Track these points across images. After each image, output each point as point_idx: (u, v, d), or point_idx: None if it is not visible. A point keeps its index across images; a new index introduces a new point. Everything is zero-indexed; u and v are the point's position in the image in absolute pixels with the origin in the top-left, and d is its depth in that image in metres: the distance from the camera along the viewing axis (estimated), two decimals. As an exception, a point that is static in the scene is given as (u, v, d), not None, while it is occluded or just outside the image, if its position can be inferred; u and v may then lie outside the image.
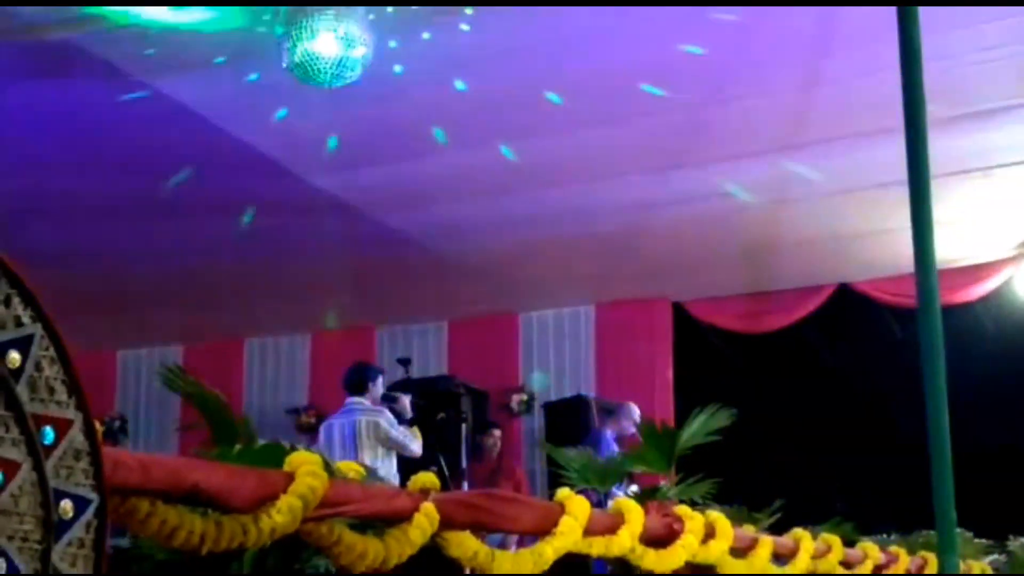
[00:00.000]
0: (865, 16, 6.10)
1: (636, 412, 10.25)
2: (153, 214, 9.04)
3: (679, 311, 11.96)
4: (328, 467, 2.55)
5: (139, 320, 12.04)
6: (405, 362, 10.92)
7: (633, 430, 10.20)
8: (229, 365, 12.79)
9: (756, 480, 8.76)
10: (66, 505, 1.75)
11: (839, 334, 12.06)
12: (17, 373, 1.71)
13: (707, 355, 12.18)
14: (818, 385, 12.21)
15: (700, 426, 4.51)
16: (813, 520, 6.06)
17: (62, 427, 1.77)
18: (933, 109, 3.50)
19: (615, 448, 9.49)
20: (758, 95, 7.36)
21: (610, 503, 4.15)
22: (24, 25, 6.26)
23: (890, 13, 3.82)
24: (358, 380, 8.53)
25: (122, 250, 9.79)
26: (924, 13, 3.75)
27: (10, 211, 8.19)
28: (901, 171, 3.51)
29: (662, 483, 4.64)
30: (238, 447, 2.61)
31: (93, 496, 1.80)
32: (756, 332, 11.71)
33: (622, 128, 7.80)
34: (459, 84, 7.18)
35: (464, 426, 9.19)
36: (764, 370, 12.20)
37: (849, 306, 11.35)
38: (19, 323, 1.72)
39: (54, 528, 1.73)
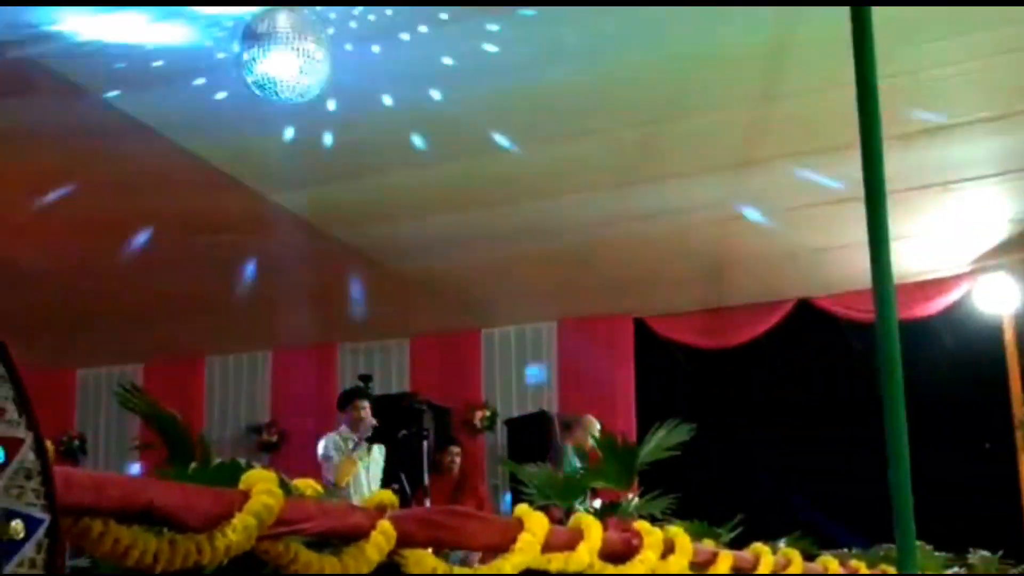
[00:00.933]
0: (821, 31, 6.14)
1: (595, 424, 10.25)
2: (112, 231, 8.99)
3: (641, 327, 12.00)
4: (284, 485, 2.53)
5: (99, 339, 11.96)
6: (366, 379, 10.87)
7: (591, 443, 10.20)
8: (190, 383, 12.74)
9: (717, 495, 8.77)
10: (16, 525, 1.73)
11: (799, 349, 12.11)
12: (-34, 393, 1.69)
13: (669, 370, 12.21)
14: (778, 399, 12.25)
15: (659, 441, 4.52)
16: (773, 535, 6.08)
17: (12, 446, 1.75)
18: (890, 124, 3.51)
19: (577, 462, 9.47)
20: (715, 110, 7.40)
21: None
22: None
23: (846, 26, 3.84)
24: (339, 402, 9.24)
25: (82, 268, 9.73)
26: (880, 28, 3.77)
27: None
28: (859, 186, 3.53)
29: (622, 499, 4.65)
30: (194, 465, 2.59)
31: (44, 516, 1.78)
32: (717, 347, 11.76)
33: (582, 145, 7.83)
34: (420, 101, 7.18)
35: (426, 443, 9.15)
36: (725, 385, 12.23)
37: (809, 321, 11.41)
38: (-33, 342, 1.70)
39: (3, 548, 1.71)
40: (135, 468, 9.84)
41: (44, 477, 1.80)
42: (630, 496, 4.97)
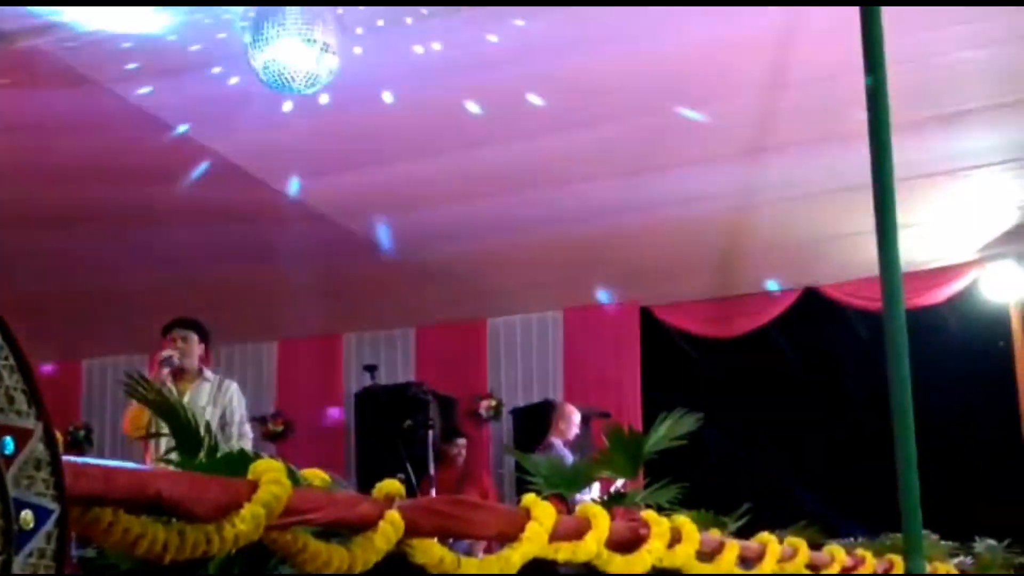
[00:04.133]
0: (829, 18, 6.13)
1: (575, 413, 10.26)
2: (119, 223, 8.99)
3: (647, 316, 11.99)
4: (293, 475, 2.53)
5: (105, 329, 11.96)
6: (372, 369, 10.89)
7: (576, 431, 10.21)
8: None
9: (723, 484, 8.78)
10: (27, 515, 1.73)
11: (806, 337, 12.12)
12: (-26, 382, 1.69)
13: (675, 359, 12.21)
14: (785, 388, 12.26)
15: (666, 431, 4.51)
16: (780, 524, 6.07)
17: (22, 437, 1.75)
18: (898, 112, 3.50)
19: (568, 454, 9.49)
20: (723, 99, 7.39)
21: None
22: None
23: (854, 14, 3.84)
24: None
25: (88, 259, 9.74)
26: (889, 15, 3.76)
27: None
28: (866, 174, 3.52)
29: (615, 486, 4.64)
30: (201, 456, 2.59)
31: (54, 506, 1.78)
32: (724, 336, 11.76)
33: (588, 133, 7.82)
34: (426, 90, 7.18)
35: (431, 433, 9.15)
36: (732, 374, 12.24)
37: (816, 309, 11.41)
38: (-25, 332, 1.70)
39: (14, 539, 1.71)
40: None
41: (54, 467, 1.80)
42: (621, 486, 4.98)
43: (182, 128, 7.50)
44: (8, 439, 1.74)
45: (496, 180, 8.55)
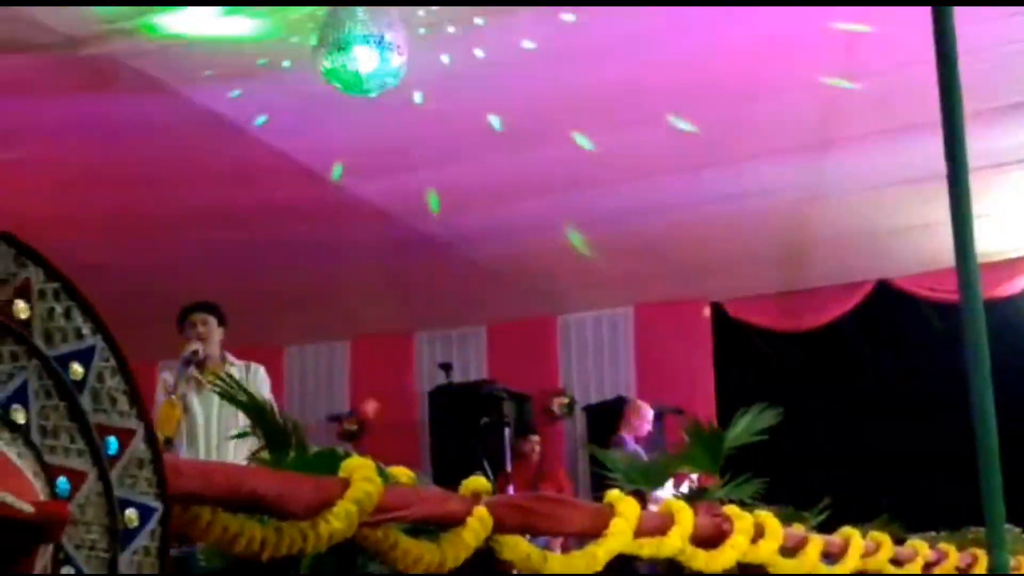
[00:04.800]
0: (899, 9, 6.08)
1: (646, 409, 10.23)
2: (192, 226, 9.09)
3: (718, 311, 11.94)
4: (382, 472, 2.56)
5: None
6: (446, 367, 10.95)
7: (648, 428, 10.19)
8: (270, 373, 12.82)
9: (801, 479, 8.71)
10: (131, 514, 1.77)
11: (879, 330, 11.98)
12: (80, 384, 1.73)
13: (747, 354, 12.13)
14: (859, 382, 12.12)
15: (746, 426, 4.50)
16: (860, 519, 6.03)
17: (125, 437, 1.79)
18: (970, 102, 3.47)
19: (639, 450, 9.48)
20: (792, 90, 7.34)
21: (651, 505, 4.15)
22: (64, 39, 6.32)
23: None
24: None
25: (162, 262, 9.85)
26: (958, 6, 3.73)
27: (61, 225, 8.25)
28: (938, 165, 3.50)
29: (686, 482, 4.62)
30: (292, 454, 2.63)
31: (157, 504, 1.82)
32: (795, 330, 11.67)
33: (655, 128, 7.80)
34: (495, 89, 7.20)
35: (507, 430, 9.18)
36: (804, 368, 12.13)
37: (889, 302, 11.29)
38: (80, 335, 1.74)
39: (120, 536, 1.75)
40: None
41: (155, 466, 1.84)
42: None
43: (253, 129, 7.57)
44: (112, 439, 1.78)
45: (565, 177, 8.55)
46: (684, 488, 5.06)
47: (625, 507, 3.32)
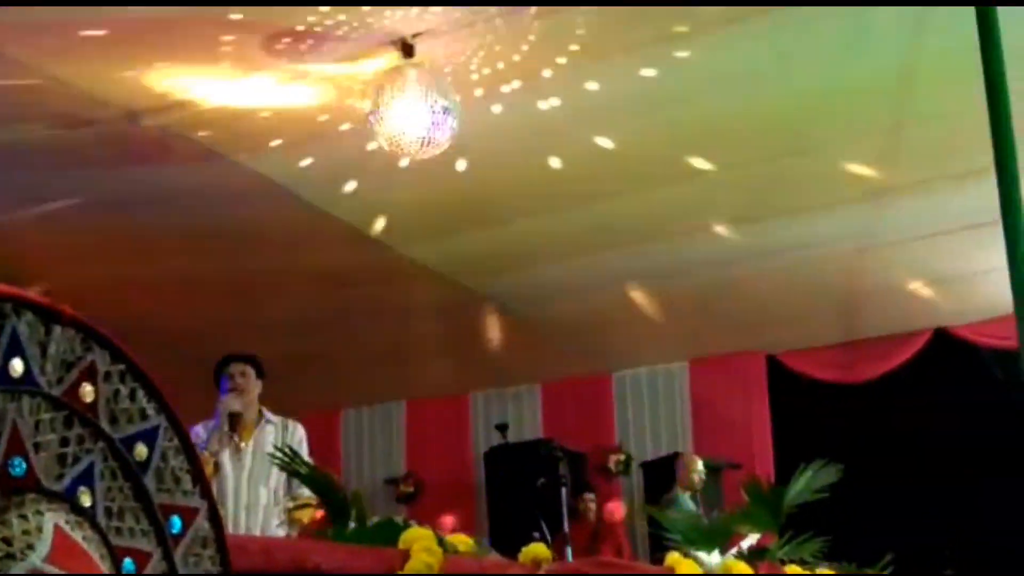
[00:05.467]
0: (950, 56, 6.07)
1: (697, 462, 10.17)
2: (246, 290, 9.18)
3: (774, 364, 11.86)
4: (442, 542, 2.56)
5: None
6: (503, 428, 10.92)
7: (701, 479, 10.12)
8: (326, 436, 12.87)
9: (862, 535, 8.60)
10: (196, 593, 1.78)
11: (938, 380, 11.85)
12: (144, 465, 1.74)
13: (804, 406, 12.03)
14: (919, 432, 11.98)
15: (807, 483, 4.46)
16: (924, 573, 5.94)
17: (189, 516, 1.80)
18: (1024, 147, 3.46)
19: (691, 506, 9.42)
20: (844, 140, 7.32)
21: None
22: (121, 113, 6.44)
23: (973, 51, 3.78)
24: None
25: (219, 327, 9.93)
26: (1011, 47, 3.70)
27: (118, 291, 8.37)
28: (993, 211, 3.48)
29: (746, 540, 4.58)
30: (352, 525, 2.63)
31: (220, 583, 1.83)
32: (853, 382, 11.57)
33: (709, 182, 7.80)
34: (543, 147, 7.24)
35: (564, 490, 9.12)
36: (862, 420, 12.01)
37: (948, 351, 11.18)
38: (144, 416, 1.75)
39: (185, 616, 1.75)
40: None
41: (219, 544, 1.84)
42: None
43: (306, 193, 7.65)
44: (175, 518, 1.79)
45: (616, 233, 8.56)
46: (735, 548, 5.01)
47: (686, 570, 3.30)
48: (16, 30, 5.64)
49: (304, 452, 6.08)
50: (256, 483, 6.18)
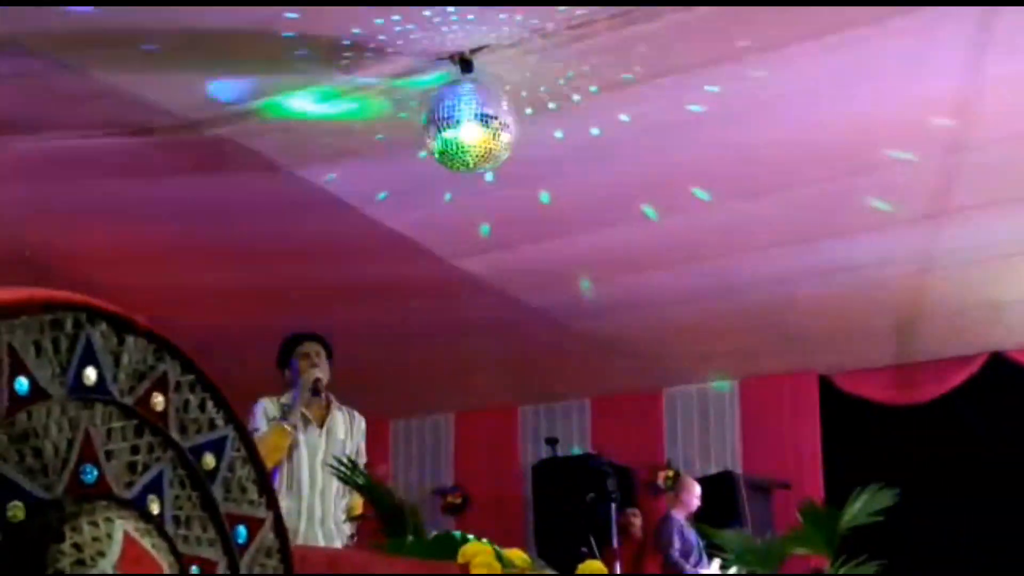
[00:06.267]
0: (1014, 75, 6.03)
1: (696, 486, 10.16)
2: (298, 300, 9.22)
3: (826, 384, 11.78)
4: (499, 556, 2.56)
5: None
6: (553, 442, 10.92)
7: (697, 503, 10.10)
8: (376, 447, 12.89)
9: (916, 558, 8.53)
10: (261, 603, 1.79)
11: (993, 403, 11.72)
12: (212, 474, 1.76)
13: (856, 428, 11.93)
14: (972, 456, 11.85)
15: (863, 506, 4.43)
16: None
17: (254, 526, 1.81)
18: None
19: (685, 527, 9.40)
20: (902, 162, 7.27)
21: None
22: (181, 122, 6.50)
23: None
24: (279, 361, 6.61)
25: (270, 337, 9.98)
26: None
27: (175, 299, 8.44)
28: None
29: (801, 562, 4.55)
30: (410, 538, 2.64)
31: (285, 593, 1.84)
32: (906, 404, 11.46)
33: (763, 201, 7.77)
34: (599, 163, 7.23)
35: (612, 506, 9.11)
36: (915, 442, 11.89)
37: (1003, 374, 11.07)
38: (213, 426, 1.77)
39: (251, 625, 1.77)
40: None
41: (283, 555, 1.86)
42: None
43: (360, 206, 7.69)
44: (241, 528, 1.80)
45: (670, 250, 8.54)
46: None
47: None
48: (73, 36, 5.69)
49: (363, 444, 6.29)
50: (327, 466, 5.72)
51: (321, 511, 5.74)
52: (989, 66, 6.10)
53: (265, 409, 6.05)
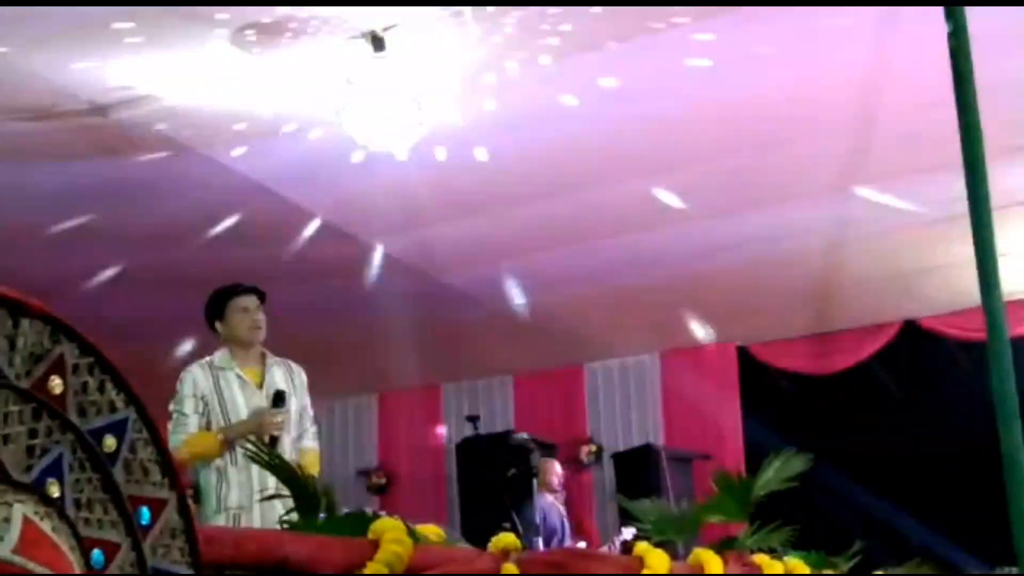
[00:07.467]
0: (919, 49, 6.10)
1: (554, 464, 10.21)
2: (216, 281, 9.13)
3: (744, 355, 11.92)
4: (411, 532, 2.58)
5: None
6: (474, 419, 10.93)
7: (558, 481, 10.15)
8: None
9: (831, 523, 8.66)
10: (164, 584, 1.79)
11: (907, 371, 11.93)
12: (113, 456, 1.75)
13: (775, 398, 12.09)
14: (888, 423, 12.07)
15: (775, 473, 4.50)
16: (891, 561, 5.99)
17: (157, 507, 1.81)
18: (992, 139, 3.49)
19: (551, 508, 9.47)
20: (813, 135, 7.36)
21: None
22: (86, 106, 6.42)
23: (943, 44, 3.81)
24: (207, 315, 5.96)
25: (192, 323, 9.90)
26: (978, 42, 3.73)
27: (82, 281, 8.35)
28: (962, 204, 3.52)
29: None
30: (322, 516, 2.65)
31: (189, 573, 1.84)
32: (823, 373, 11.63)
33: (679, 175, 7.83)
34: (516, 141, 7.25)
35: (535, 481, 9.15)
36: (833, 410, 12.08)
37: (916, 342, 11.26)
38: (113, 408, 1.76)
39: (153, 607, 1.76)
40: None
41: (188, 535, 1.85)
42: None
43: (275, 187, 7.64)
44: (144, 509, 1.80)
45: (586, 225, 8.59)
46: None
47: (654, 559, 3.33)
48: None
49: (307, 397, 5.86)
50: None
51: (274, 480, 5.25)
52: (897, 37, 6.19)
53: (195, 379, 5.47)
